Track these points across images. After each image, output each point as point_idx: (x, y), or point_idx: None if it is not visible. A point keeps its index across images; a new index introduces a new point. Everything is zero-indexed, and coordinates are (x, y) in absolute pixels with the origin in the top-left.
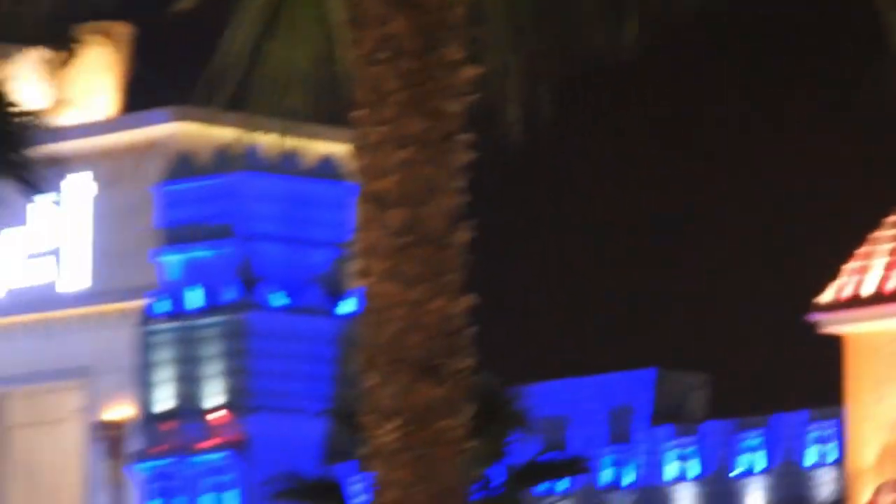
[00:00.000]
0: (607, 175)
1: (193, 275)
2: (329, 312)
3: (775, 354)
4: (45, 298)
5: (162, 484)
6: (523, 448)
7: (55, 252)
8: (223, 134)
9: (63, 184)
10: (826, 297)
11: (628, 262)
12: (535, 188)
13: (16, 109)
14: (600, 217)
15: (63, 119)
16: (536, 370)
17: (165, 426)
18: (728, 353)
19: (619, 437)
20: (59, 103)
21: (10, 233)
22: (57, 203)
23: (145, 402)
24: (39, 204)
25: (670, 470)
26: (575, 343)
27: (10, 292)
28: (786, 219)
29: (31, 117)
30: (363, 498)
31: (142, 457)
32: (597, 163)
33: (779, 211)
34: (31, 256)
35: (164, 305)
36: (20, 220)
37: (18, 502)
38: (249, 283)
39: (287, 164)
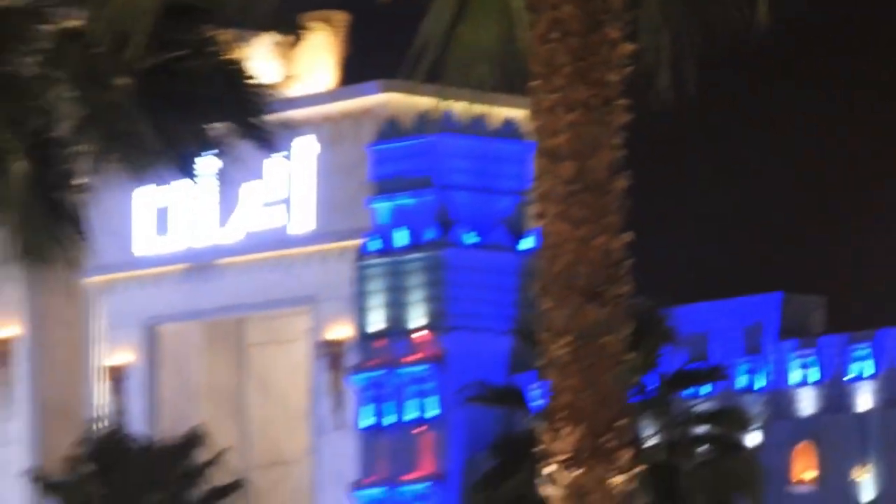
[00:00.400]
0: (740, 128)
1: (400, 219)
2: (512, 249)
3: (881, 279)
4: (277, 239)
5: (374, 392)
6: (672, 359)
7: (286, 200)
8: (423, 102)
9: (292, 144)
10: None
11: (758, 204)
12: (681, 142)
13: (254, 82)
14: (732, 164)
15: (291, 91)
16: (684, 294)
17: (377, 344)
18: (843, 278)
19: (752, 350)
20: (288, 78)
21: (249, 185)
22: (287, 160)
23: (361, 324)
24: (273, 161)
25: (794, 376)
26: (716, 271)
27: (249, 234)
28: (891, 163)
29: (265, 89)
30: (540, 402)
31: (357, 369)
32: (727, 118)
33: (886, 155)
34: (266, 204)
35: (376, 244)
36: (257, 174)
37: (255, 407)
38: (446, 225)
39: (476, 126)
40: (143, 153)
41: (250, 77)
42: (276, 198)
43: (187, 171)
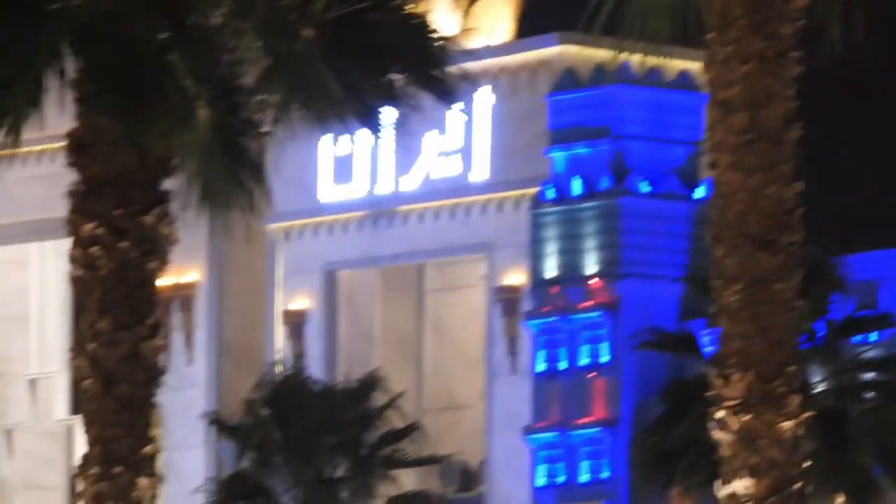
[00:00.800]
0: None
1: (575, 168)
2: (685, 197)
3: None
4: (455, 187)
5: (548, 337)
6: (841, 307)
7: (464, 150)
8: (600, 54)
9: (470, 95)
10: None
11: None
12: (851, 93)
13: (435, 35)
14: None
15: (470, 43)
16: (853, 242)
17: (552, 290)
18: None
19: None
20: (467, 30)
21: (429, 134)
22: (466, 111)
23: (536, 271)
24: (452, 112)
25: None
26: (886, 219)
27: (428, 182)
28: None
29: (446, 41)
30: (711, 349)
31: (532, 315)
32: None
33: None
34: (445, 153)
35: (552, 192)
36: (436, 124)
37: (431, 352)
38: (620, 174)
39: (651, 77)
40: (327, 103)
41: (431, 30)
42: (454, 147)
43: (369, 121)
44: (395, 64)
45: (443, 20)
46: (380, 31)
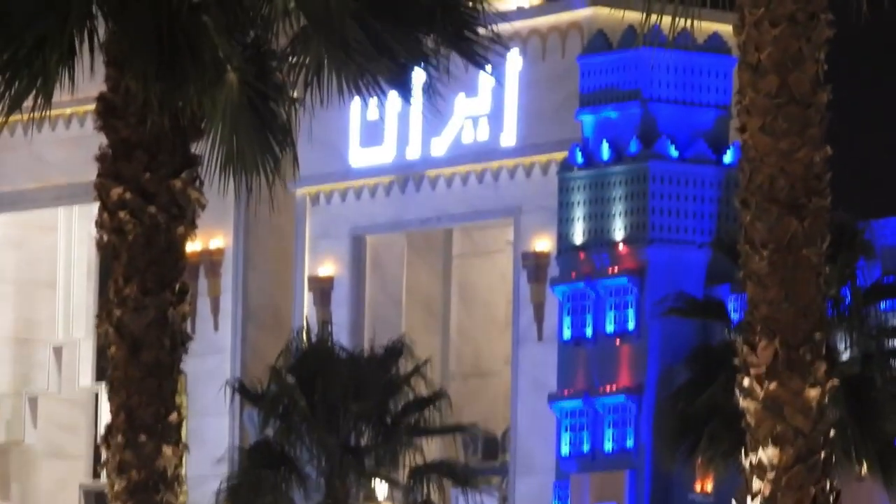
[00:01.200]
0: None
1: (604, 131)
2: (713, 161)
3: None
4: (482, 151)
5: (574, 303)
6: (868, 272)
7: (493, 114)
8: (630, 16)
9: (498, 59)
10: None
11: None
12: (880, 55)
13: None
14: None
15: (501, 6)
16: (881, 207)
17: (579, 256)
18: None
19: None
20: None
21: (458, 98)
22: (495, 75)
23: (563, 236)
24: (482, 75)
25: None
26: None
27: (457, 146)
28: None
29: (477, 4)
30: (738, 315)
31: (559, 281)
32: None
33: None
34: (473, 117)
35: (580, 157)
36: (466, 87)
37: (458, 316)
38: (649, 138)
39: (681, 40)
40: (359, 66)
41: None
42: (483, 111)
43: (401, 84)
44: (426, 26)
45: None
46: None
